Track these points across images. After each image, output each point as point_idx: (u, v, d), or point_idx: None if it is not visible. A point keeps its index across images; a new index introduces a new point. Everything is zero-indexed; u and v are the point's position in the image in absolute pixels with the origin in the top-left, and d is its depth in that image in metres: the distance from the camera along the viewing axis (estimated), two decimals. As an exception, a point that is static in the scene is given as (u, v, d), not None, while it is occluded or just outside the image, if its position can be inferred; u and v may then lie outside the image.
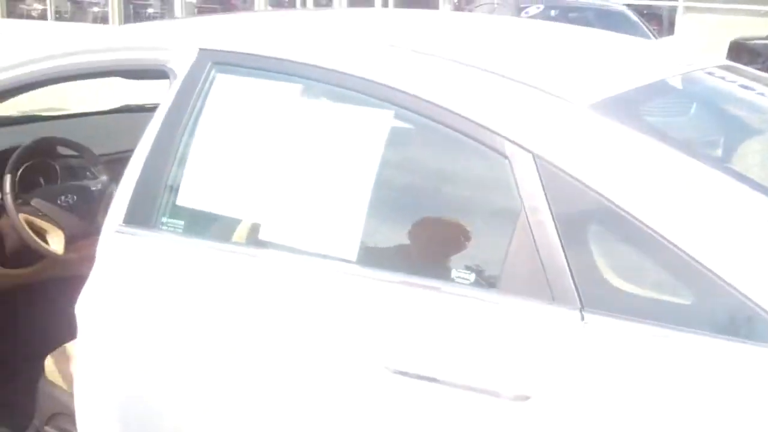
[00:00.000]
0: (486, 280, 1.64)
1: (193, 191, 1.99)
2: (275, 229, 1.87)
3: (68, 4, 25.61)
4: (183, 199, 2.00)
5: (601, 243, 1.57)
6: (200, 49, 2.06)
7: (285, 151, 1.95)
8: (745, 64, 11.57)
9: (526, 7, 9.27)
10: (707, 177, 1.54)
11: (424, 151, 1.88)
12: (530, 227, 1.53)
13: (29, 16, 25.51)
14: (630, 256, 1.52)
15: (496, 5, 10.82)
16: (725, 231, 1.45)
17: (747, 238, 1.45)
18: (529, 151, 1.57)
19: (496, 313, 1.56)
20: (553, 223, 1.52)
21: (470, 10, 11.49)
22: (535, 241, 1.53)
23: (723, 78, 2.33)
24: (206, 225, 2.03)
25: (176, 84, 2.05)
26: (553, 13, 9.69)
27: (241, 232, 2.00)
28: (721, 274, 1.41)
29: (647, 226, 1.46)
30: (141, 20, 23.85)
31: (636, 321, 1.44)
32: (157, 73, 2.17)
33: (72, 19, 24.74)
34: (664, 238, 1.44)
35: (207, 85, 2.01)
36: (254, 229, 1.93)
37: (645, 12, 16.63)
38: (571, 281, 1.49)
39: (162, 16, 23.80)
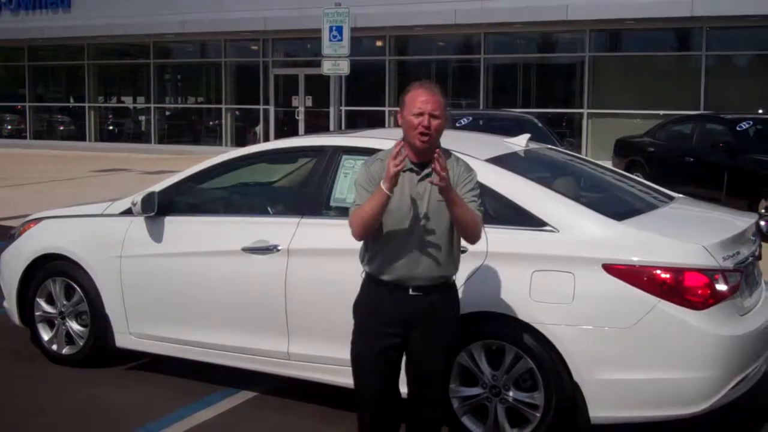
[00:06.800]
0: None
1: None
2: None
3: (44, 123, 26.84)
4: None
5: (486, 202, 3.87)
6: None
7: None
8: (627, 154, 14.67)
9: (460, 119, 11.99)
10: (529, 184, 4.40)
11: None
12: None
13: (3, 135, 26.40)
14: (495, 204, 4.24)
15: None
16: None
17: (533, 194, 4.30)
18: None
19: None
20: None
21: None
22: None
23: (541, 151, 5.33)
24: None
25: None
26: (481, 122, 12.19)
27: None
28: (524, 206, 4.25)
29: (505, 196, 4.29)
30: (113, 137, 24.80)
31: (495, 226, 4.11)
32: None
33: (48, 137, 25.78)
34: (511, 200, 4.27)
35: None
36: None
37: (556, 117, 19.05)
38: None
39: (129, 133, 25.04)
